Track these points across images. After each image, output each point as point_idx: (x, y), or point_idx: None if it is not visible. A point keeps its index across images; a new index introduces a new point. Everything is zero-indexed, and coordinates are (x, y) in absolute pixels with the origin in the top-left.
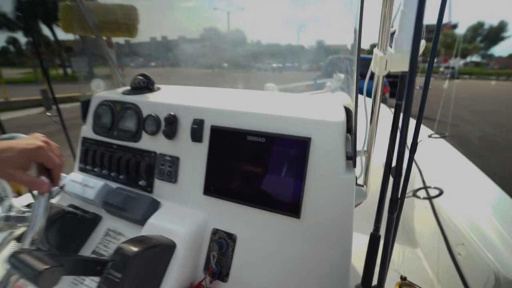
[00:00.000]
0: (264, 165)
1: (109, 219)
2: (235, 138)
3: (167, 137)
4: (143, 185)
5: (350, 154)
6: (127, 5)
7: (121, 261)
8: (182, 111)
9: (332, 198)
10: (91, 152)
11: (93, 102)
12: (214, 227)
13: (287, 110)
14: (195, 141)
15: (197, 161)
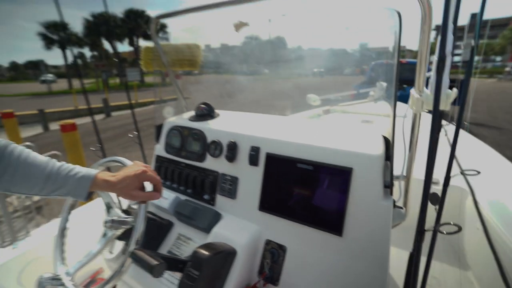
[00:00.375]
0: (311, 188)
1: (179, 226)
2: (287, 164)
3: (228, 160)
4: (207, 199)
5: (388, 183)
6: (192, 44)
7: (198, 261)
8: (241, 139)
9: (371, 220)
10: (164, 168)
11: (165, 126)
12: (267, 238)
13: (332, 141)
14: (252, 165)
15: (253, 181)
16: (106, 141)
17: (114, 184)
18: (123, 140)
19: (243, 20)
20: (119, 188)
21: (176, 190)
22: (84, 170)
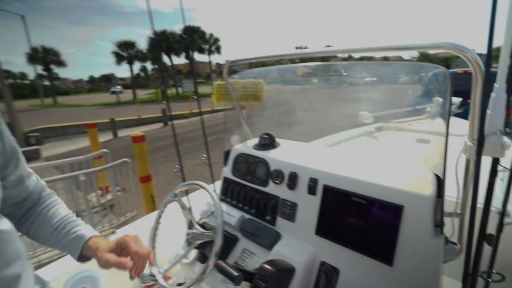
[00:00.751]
0: (364, 219)
1: (244, 241)
2: (342, 196)
3: (289, 188)
4: (269, 219)
5: (438, 222)
6: (257, 80)
7: (264, 275)
8: (301, 170)
9: (421, 255)
10: (230, 189)
11: (232, 152)
12: (322, 260)
13: (385, 178)
14: (310, 194)
15: (311, 208)
16: (164, 149)
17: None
18: (180, 148)
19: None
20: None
21: (241, 209)
22: (83, 230)
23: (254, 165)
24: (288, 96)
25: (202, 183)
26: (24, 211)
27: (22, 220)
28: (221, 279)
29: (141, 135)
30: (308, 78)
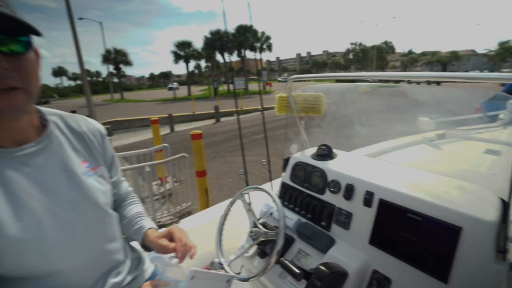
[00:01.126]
0: (420, 235)
1: (299, 242)
2: (397, 211)
3: (345, 198)
4: (324, 225)
5: (501, 248)
6: (317, 94)
7: (320, 275)
8: (358, 183)
9: (480, 278)
10: (288, 193)
11: (291, 160)
12: (374, 268)
13: (445, 197)
14: (366, 205)
15: (366, 219)
16: (216, 144)
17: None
18: (230, 145)
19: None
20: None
21: (298, 213)
22: (145, 223)
23: (312, 173)
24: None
25: (270, 190)
26: (115, 205)
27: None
28: (278, 274)
29: (199, 133)
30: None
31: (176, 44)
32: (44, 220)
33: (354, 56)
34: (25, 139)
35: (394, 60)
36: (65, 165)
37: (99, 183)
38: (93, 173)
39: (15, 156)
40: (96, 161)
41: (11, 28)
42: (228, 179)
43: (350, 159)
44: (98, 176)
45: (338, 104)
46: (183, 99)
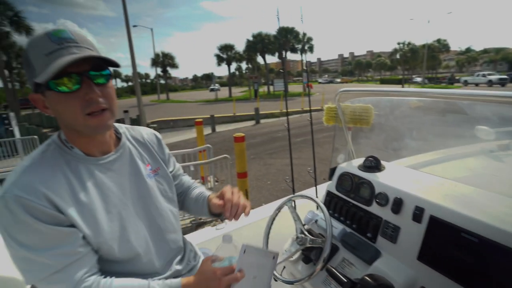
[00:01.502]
0: (476, 257)
1: (343, 251)
2: (450, 230)
3: (393, 212)
4: (370, 236)
5: None
6: (366, 105)
7: (366, 286)
8: (407, 197)
9: None
10: (334, 202)
11: (338, 170)
12: (422, 285)
13: (507, 220)
14: (415, 221)
15: (414, 234)
16: (255, 146)
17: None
18: (269, 147)
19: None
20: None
21: (343, 222)
22: (206, 193)
23: (359, 184)
24: (393, 115)
25: (319, 200)
26: (182, 196)
27: (179, 200)
28: (322, 280)
29: (242, 135)
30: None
31: (219, 47)
32: (123, 212)
33: (401, 56)
34: (107, 149)
35: (448, 59)
36: (134, 169)
37: (159, 182)
38: (154, 174)
39: (101, 163)
40: (157, 163)
41: (98, 64)
42: (267, 181)
43: (398, 172)
44: (159, 176)
45: (387, 116)
46: (224, 100)
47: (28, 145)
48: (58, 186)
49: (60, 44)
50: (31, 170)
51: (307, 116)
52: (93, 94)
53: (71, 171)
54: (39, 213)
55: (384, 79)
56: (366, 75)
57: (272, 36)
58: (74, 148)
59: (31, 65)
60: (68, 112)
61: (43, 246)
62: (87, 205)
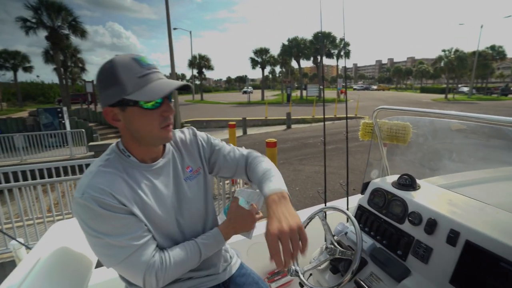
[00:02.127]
0: None
1: (372, 265)
2: (487, 257)
3: (426, 232)
4: (400, 254)
5: None
6: (404, 123)
7: None
8: (442, 219)
9: None
10: (365, 216)
11: (371, 185)
12: None
13: None
14: (449, 244)
15: (447, 257)
16: (285, 151)
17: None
18: (299, 153)
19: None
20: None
21: (373, 237)
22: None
23: (392, 201)
24: (432, 136)
25: (351, 215)
26: (241, 170)
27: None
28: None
29: (274, 141)
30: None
31: (254, 51)
32: (170, 208)
33: (446, 64)
34: (157, 156)
35: (503, 67)
36: (176, 173)
37: (197, 182)
38: (194, 175)
39: (153, 169)
40: (196, 163)
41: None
42: (296, 187)
43: (434, 192)
44: (200, 176)
45: (426, 136)
46: (256, 103)
47: (76, 137)
48: (119, 188)
49: (149, 70)
50: (98, 175)
51: (340, 124)
52: (171, 111)
53: (128, 176)
54: (111, 207)
55: (425, 88)
56: (405, 83)
57: (308, 41)
58: (130, 156)
59: (121, 84)
60: (147, 125)
61: (118, 232)
62: (143, 204)
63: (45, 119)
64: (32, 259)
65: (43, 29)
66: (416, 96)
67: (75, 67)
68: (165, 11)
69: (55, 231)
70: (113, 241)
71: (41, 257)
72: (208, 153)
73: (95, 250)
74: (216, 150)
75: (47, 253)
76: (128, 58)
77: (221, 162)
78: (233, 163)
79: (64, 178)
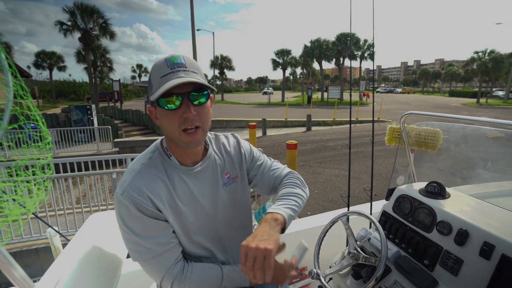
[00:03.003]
0: None
1: (396, 274)
2: None
3: (456, 243)
4: (427, 264)
5: None
6: (434, 129)
7: None
8: (475, 230)
9: None
10: (389, 223)
11: (397, 191)
12: None
13: None
14: (483, 257)
15: (480, 270)
16: (304, 153)
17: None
18: (318, 155)
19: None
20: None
21: (397, 244)
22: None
23: (419, 209)
24: (466, 143)
25: (376, 221)
26: (274, 186)
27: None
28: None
29: (295, 143)
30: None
31: (276, 52)
32: (203, 214)
33: (479, 67)
34: (196, 160)
35: None
36: (215, 178)
37: (234, 190)
38: (231, 182)
39: (192, 172)
40: (235, 171)
41: (200, 87)
42: (315, 190)
43: (465, 202)
44: (236, 184)
45: (458, 143)
46: (276, 104)
47: (103, 133)
48: (157, 190)
49: (172, 69)
50: (139, 175)
51: (361, 127)
52: (189, 114)
53: (168, 177)
54: (145, 210)
55: (454, 91)
56: (432, 86)
57: (331, 42)
58: (172, 156)
59: (151, 84)
60: (168, 125)
61: (146, 235)
62: (177, 206)
63: (76, 115)
64: (73, 248)
65: (77, 31)
66: (444, 100)
67: (103, 66)
68: (190, 12)
69: (92, 222)
70: (141, 241)
71: (80, 247)
72: (249, 165)
73: (125, 243)
74: (257, 165)
75: (85, 243)
76: (162, 59)
77: (259, 178)
78: (270, 182)
79: (92, 172)
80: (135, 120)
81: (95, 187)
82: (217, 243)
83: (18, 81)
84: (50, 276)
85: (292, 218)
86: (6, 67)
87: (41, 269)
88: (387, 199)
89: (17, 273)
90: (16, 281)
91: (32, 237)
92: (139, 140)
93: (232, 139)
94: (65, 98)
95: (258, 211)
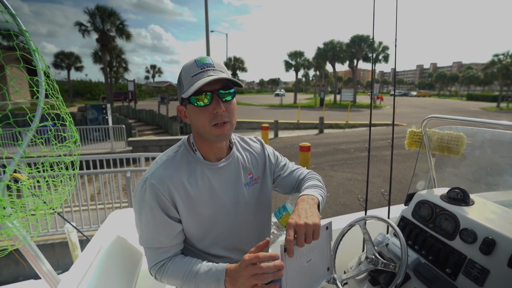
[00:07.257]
0: None
1: (415, 281)
2: None
3: (482, 252)
4: (449, 272)
5: None
6: (457, 134)
7: None
8: (503, 240)
9: None
10: (408, 229)
11: (416, 196)
12: None
13: None
14: (510, 267)
15: (508, 282)
16: (316, 156)
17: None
18: (331, 158)
19: None
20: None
21: (417, 251)
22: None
23: (440, 216)
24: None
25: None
26: (297, 186)
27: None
28: None
29: (308, 145)
30: None
31: (289, 54)
32: (222, 210)
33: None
34: (220, 156)
35: None
36: (237, 176)
37: (255, 190)
38: (253, 183)
39: (216, 168)
40: (258, 172)
41: (227, 85)
42: (327, 194)
43: (492, 209)
44: (258, 185)
45: (483, 149)
46: (288, 106)
47: (117, 132)
48: (178, 183)
49: (202, 68)
50: (164, 166)
51: (375, 131)
52: (219, 110)
53: (190, 170)
54: (161, 202)
55: (473, 95)
56: (449, 89)
57: (345, 44)
58: (197, 151)
59: (181, 84)
60: (200, 121)
61: (151, 226)
62: (195, 198)
63: (91, 114)
64: (96, 244)
65: (95, 32)
66: (461, 104)
67: (119, 67)
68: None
69: (113, 219)
70: (144, 228)
71: (103, 243)
72: (274, 166)
73: (136, 222)
74: (281, 165)
75: (107, 240)
76: (192, 60)
77: (282, 177)
78: (293, 181)
79: (107, 170)
80: (148, 119)
81: (109, 185)
82: (232, 241)
83: (51, 81)
84: (76, 270)
85: (322, 203)
86: (39, 67)
87: (56, 264)
88: (406, 204)
89: (44, 266)
90: (43, 274)
91: (48, 232)
92: (152, 140)
93: (256, 141)
94: (81, 97)
95: (279, 210)
